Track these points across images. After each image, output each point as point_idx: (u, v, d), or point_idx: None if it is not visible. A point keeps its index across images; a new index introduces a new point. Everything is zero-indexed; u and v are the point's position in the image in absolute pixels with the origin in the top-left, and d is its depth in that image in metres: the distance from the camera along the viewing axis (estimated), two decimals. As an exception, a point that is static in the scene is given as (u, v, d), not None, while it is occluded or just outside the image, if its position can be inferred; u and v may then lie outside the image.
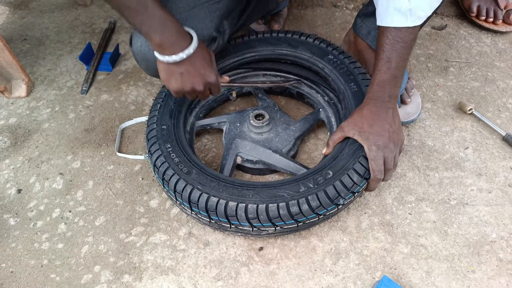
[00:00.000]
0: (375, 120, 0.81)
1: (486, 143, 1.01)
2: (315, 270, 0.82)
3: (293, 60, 1.03)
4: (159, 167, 0.84)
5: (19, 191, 1.00)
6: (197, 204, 0.78)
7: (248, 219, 0.77)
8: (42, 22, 1.51)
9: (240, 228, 0.80)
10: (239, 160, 0.94)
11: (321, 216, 0.79)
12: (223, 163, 0.94)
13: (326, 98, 1.03)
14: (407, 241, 0.85)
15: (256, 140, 0.96)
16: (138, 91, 1.22)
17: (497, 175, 0.94)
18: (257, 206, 0.76)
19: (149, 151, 0.88)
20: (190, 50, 0.78)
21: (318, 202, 0.76)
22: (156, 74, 0.87)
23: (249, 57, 1.04)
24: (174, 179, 0.81)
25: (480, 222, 0.87)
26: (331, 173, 0.79)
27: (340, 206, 0.80)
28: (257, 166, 0.94)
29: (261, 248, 0.86)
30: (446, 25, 1.33)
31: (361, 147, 0.81)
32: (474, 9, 1.29)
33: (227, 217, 0.77)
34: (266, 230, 0.79)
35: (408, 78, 1.08)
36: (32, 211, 0.96)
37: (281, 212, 0.76)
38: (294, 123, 1.00)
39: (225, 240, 0.88)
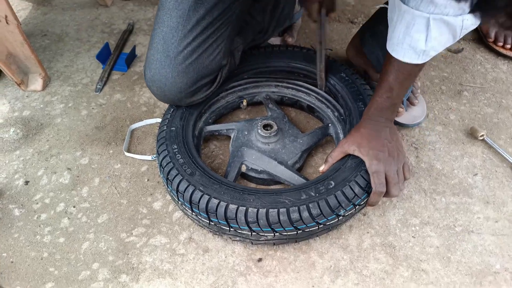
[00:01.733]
0: (373, 137, 0.82)
1: (496, 170, 0.99)
2: (313, 286, 0.82)
3: (307, 74, 1.04)
4: (164, 166, 0.85)
5: (26, 182, 1.01)
6: (198, 205, 0.79)
7: (247, 223, 0.77)
8: (63, 19, 1.54)
9: (239, 232, 0.80)
10: (243, 169, 0.95)
11: (321, 226, 0.79)
12: (227, 170, 0.94)
13: (336, 113, 1.03)
14: (409, 264, 0.84)
15: (262, 150, 0.96)
16: (150, 93, 1.23)
17: (505, 204, 0.93)
18: (258, 211, 0.76)
19: (157, 151, 0.89)
20: None
21: (319, 210, 0.77)
22: (167, 100, 0.95)
23: (263, 67, 1.06)
24: (177, 179, 0.82)
25: (484, 252, 0.85)
26: (333, 183, 0.80)
27: (341, 218, 0.80)
28: (261, 176, 0.94)
29: (260, 259, 0.86)
30: (463, 48, 1.33)
31: (362, 162, 0.82)
32: (492, 35, 1.29)
33: (226, 220, 0.78)
34: (265, 235, 0.79)
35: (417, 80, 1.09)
36: (37, 203, 0.97)
37: (281, 217, 0.76)
38: (302, 136, 1.00)
39: (225, 248, 0.87)
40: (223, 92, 1.08)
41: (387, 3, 0.83)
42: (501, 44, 1.28)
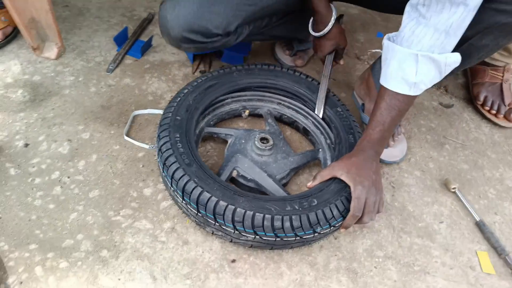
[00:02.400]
0: (362, 167, 0.91)
1: (460, 222, 1.08)
2: (277, 294, 0.88)
3: (308, 100, 1.12)
4: (164, 152, 0.90)
5: (26, 145, 1.05)
6: (190, 195, 0.85)
7: (233, 222, 0.83)
8: (87, -6, 1.58)
9: (223, 228, 0.86)
10: (234, 174, 1.01)
11: (298, 238, 0.86)
12: (220, 172, 1.00)
13: (328, 141, 1.11)
14: (366, 291, 0.92)
15: (255, 160, 1.03)
16: (159, 84, 1.29)
17: (462, 254, 1.02)
18: (245, 212, 0.83)
19: (158, 136, 0.94)
20: (329, 26, 1.09)
21: (299, 223, 0.84)
22: (177, 45, 1.05)
23: (270, 84, 1.13)
24: (174, 167, 0.88)
25: (435, 292, 0.94)
26: (316, 201, 0.88)
27: (316, 234, 0.87)
28: (249, 184, 1.01)
29: (233, 260, 0.92)
30: (453, 105, 1.43)
31: (345, 188, 0.90)
32: (481, 98, 1.40)
33: (214, 215, 0.84)
34: (246, 236, 0.85)
35: (399, 125, 1.18)
36: (33, 167, 1.01)
37: (265, 223, 0.83)
38: (293, 155, 1.07)
39: (203, 244, 0.93)
40: (229, 98, 1.14)
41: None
42: (487, 108, 1.39)
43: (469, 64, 0.93)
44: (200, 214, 0.87)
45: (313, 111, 1.13)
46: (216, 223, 0.86)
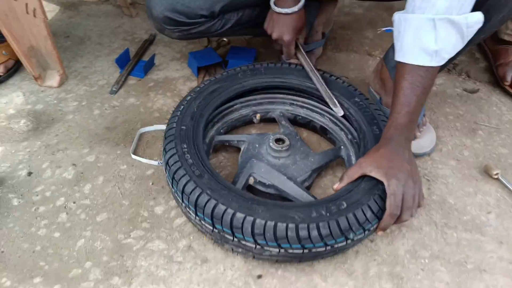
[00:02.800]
0: (393, 158, 0.79)
1: (510, 211, 0.96)
2: (314, 309, 0.77)
3: (320, 95, 1.04)
4: (171, 165, 0.82)
5: (29, 173, 0.99)
6: (203, 210, 0.76)
7: (253, 235, 0.73)
8: (87, 24, 1.57)
9: (243, 244, 0.76)
10: (251, 181, 0.92)
11: (328, 247, 0.75)
12: (235, 181, 0.92)
13: (349, 136, 1.02)
14: (416, 297, 0.80)
15: (272, 163, 0.94)
16: (165, 100, 1.23)
17: (519, 246, 0.89)
18: (265, 223, 0.73)
19: (164, 149, 0.87)
20: (294, 9, 1.01)
21: (328, 231, 0.73)
22: (161, 27, 1.05)
23: (278, 83, 1.06)
24: (184, 180, 0.79)
25: (496, 292, 0.81)
26: (345, 204, 0.77)
27: (349, 241, 0.76)
28: (268, 190, 0.91)
29: (259, 276, 0.82)
30: (479, 89, 1.33)
31: (377, 185, 0.79)
32: (509, 78, 1.29)
33: (231, 229, 0.74)
34: (269, 250, 0.75)
35: (424, 115, 1.08)
36: (37, 195, 0.94)
37: (289, 233, 0.73)
38: (313, 155, 0.98)
39: (224, 261, 0.84)
40: (238, 104, 1.08)
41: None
42: (517, 88, 1.28)
43: (489, 29, 0.83)
44: (216, 230, 0.78)
45: (329, 107, 1.05)
46: (235, 238, 0.76)
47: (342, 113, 1.00)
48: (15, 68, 1.31)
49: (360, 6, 1.76)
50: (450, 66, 1.42)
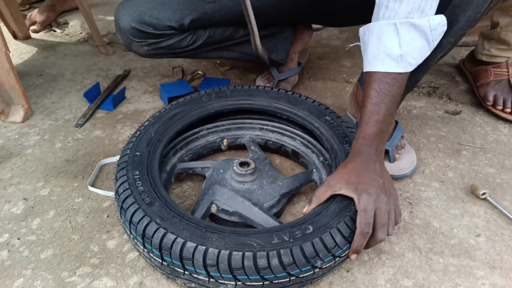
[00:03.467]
0: (363, 172, 0.73)
1: (501, 233, 0.87)
2: None
3: (289, 116, 0.99)
4: (121, 194, 0.75)
5: (-26, 210, 0.91)
6: (151, 240, 0.68)
7: (205, 266, 0.64)
8: (63, 63, 1.56)
9: (195, 277, 0.67)
10: (213, 209, 0.84)
11: (293, 278, 0.65)
12: (194, 209, 0.84)
13: (321, 158, 0.95)
14: (399, 334, 0.68)
15: (236, 189, 0.87)
16: (131, 131, 1.18)
17: (515, 271, 0.79)
18: (219, 252, 0.65)
19: (115, 177, 0.80)
20: None
21: (291, 259, 0.64)
22: (129, 41, 1.03)
23: (245, 105, 1.01)
24: (132, 209, 0.72)
25: (492, 326, 0.70)
26: (311, 228, 0.69)
27: (317, 270, 0.67)
28: (232, 218, 0.83)
29: (219, 315, 0.71)
30: (461, 111, 1.28)
31: (348, 206, 0.72)
32: (491, 99, 1.24)
33: (181, 260, 0.66)
34: (224, 283, 0.66)
35: (402, 137, 1.02)
36: (-22, 232, 0.86)
37: (245, 263, 0.64)
38: (282, 179, 0.91)
39: (179, 299, 0.73)
40: (204, 130, 1.02)
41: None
42: (500, 107, 1.23)
43: (458, 31, 0.79)
44: (165, 263, 0.69)
45: (298, 127, 0.99)
46: (186, 272, 0.67)
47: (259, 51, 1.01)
48: (-20, 105, 1.27)
49: (338, 38, 1.77)
50: (430, 89, 1.39)
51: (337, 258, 0.70)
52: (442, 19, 0.74)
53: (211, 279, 0.66)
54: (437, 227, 0.88)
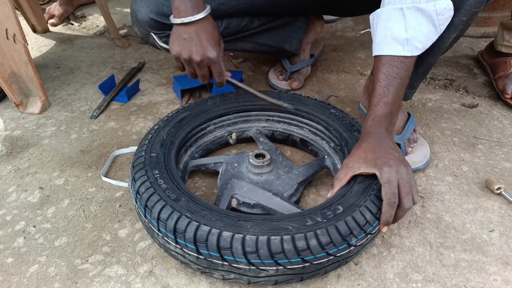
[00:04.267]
0: (377, 147, 0.75)
1: (516, 229, 0.85)
2: None
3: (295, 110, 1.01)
4: (143, 193, 0.74)
5: (-7, 198, 0.94)
6: (184, 235, 0.67)
7: (245, 253, 0.64)
8: (79, 55, 1.59)
9: (235, 267, 0.67)
10: (234, 203, 0.84)
11: (331, 257, 0.67)
12: (216, 205, 0.84)
13: (332, 144, 0.96)
14: (407, 328, 0.68)
15: (254, 181, 0.87)
16: (145, 123, 1.20)
17: (529, 268, 0.77)
18: (257, 238, 0.65)
19: (133, 178, 0.79)
20: (201, 15, 0.83)
21: (328, 238, 0.66)
22: (146, 32, 1.01)
23: (249, 106, 1.04)
24: (158, 206, 0.71)
25: (503, 322, 0.69)
26: (341, 208, 0.70)
27: (352, 248, 0.68)
28: (254, 210, 0.83)
29: (226, 305, 0.72)
30: (478, 104, 1.25)
31: (371, 185, 0.73)
32: (509, 91, 1.21)
33: (219, 251, 0.65)
34: (266, 270, 0.66)
35: (414, 130, 1.01)
36: (-3, 219, 0.89)
37: (285, 246, 0.64)
38: (297, 168, 0.91)
39: (188, 287, 0.74)
40: (211, 125, 1.02)
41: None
42: (519, 100, 1.20)
43: (470, 9, 0.78)
44: (202, 256, 0.68)
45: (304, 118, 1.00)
46: (225, 263, 0.67)
47: (292, 107, 0.98)
48: (0, 97, 1.30)
49: (353, 30, 1.75)
50: (446, 82, 1.36)
51: (369, 235, 0.71)
52: (448, 3, 0.75)
53: (251, 267, 0.66)
54: (449, 222, 0.87)
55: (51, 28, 1.81)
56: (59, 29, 1.82)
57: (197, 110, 1.00)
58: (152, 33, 1.01)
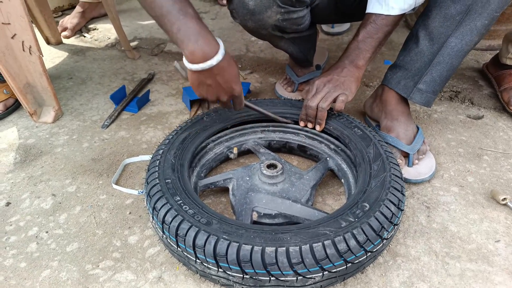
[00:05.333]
0: (331, 72, 0.98)
1: (522, 239, 0.85)
2: None
3: (292, 117, 1.05)
4: (170, 222, 0.72)
5: (7, 204, 0.97)
6: (226, 257, 0.66)
7: (291, 265, 0.65)
8: (91, 67, 1.63)
9: (282, 280, 0.67)
10: (255, 216, 0.84)
11: (369, 254, 0.70)
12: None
13: (332, 146, 0.99)
14: (412, 337, 0.69)
15: (271, 192, 0.88)
16: (155, 132, 1.22)
17: (535, 279, 0.77)
18: (300, 248, 0.66)
19: (154, 208, 0.76)
20: (219, 56, 0.78)
21: (364, 236, 0.68)
22: (254, 29, 1.01)
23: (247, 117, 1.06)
24: (192, 232, 0.69)
25: (509, 332, 0.69)
26: (367, 205, 0.73)
27: (384, 241, 0.72)
28: (276, 220, 0.84)
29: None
30: (483, 115, 1.26)
31: (385, 180, 0.79)
32: (515, 103, 1.22)
33: (265, 267, 0.65)
34: (312, 278, 0.67)
35: (423, 142, 1.02)
36: (11, 225, 0.91)
37: (328, 251, 0.66)
38: (306, 173, 0.93)
39: (196, 293, 0.76)
40: (210, 143, 1.03)
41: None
42: (525, 112, 1.20)
43: (491, 13, 0.87)
44: (247, 276, 0.67)
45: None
46: (272, 278, 0.66)
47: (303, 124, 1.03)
48: (15, 106, 1.34)
49: (358, 43, 1.77)
50: (452, 94, 1.37)
51: (396, 226, 0.74)
52: None
53: (299, 277, 0.67)
54: (455, 232, 0.87)
55: (64, 40, 1.86)
56: (72, 41, 1.87)
57: (196, 128, 0.99)
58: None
